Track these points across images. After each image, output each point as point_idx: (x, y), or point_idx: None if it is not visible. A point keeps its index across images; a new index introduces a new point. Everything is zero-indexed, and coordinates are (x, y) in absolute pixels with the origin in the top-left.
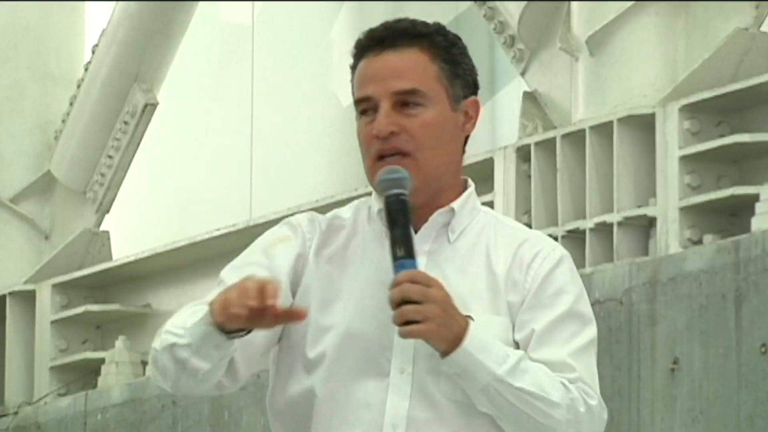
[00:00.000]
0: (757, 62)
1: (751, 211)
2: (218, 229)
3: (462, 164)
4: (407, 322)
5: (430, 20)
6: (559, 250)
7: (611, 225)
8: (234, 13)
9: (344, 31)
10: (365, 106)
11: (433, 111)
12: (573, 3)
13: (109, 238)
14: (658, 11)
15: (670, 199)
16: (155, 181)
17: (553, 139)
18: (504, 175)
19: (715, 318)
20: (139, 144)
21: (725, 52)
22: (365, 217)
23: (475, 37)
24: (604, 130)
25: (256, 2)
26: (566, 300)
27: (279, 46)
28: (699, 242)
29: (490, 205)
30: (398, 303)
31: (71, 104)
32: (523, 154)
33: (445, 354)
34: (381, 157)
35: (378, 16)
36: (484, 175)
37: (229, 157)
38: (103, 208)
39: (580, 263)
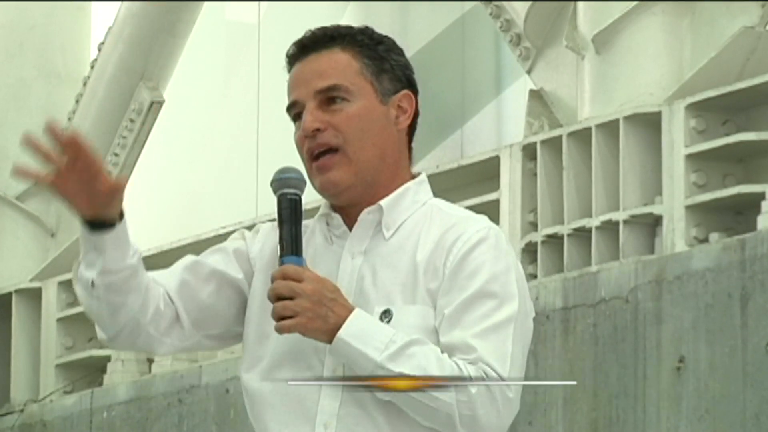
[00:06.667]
0: (763, 61)
1: (757, 210)
2: (224, 227)
3: (404, 160)
4: (283, 318)
5: (435, 19)
6: (482, 232)
7: (617, 223)
8: (240, 11)
9: None
10: (295, 111)
11: (357, 104)
12: (579, 2)
13: None
14: (664, 10)
15: (676, 197)
16: (161, 179)
17: (559, 137)
18: (510, 173)
19: (721, 316)
20: (145, 142)
21: (731, 50)
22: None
23: (481, 36)
24: (610, 128)
25: (261, 1)
26: (478, 280)
27: (285, 45)
28: (705, 241)
29: (496, 203)
30: (274, 300)
31: (77, 102)
32: (529, 152)
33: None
34: (314, 157)
35: (383, 15)
36: (490, 173)
37: (236, 154)
38: None
39: (586, 261)
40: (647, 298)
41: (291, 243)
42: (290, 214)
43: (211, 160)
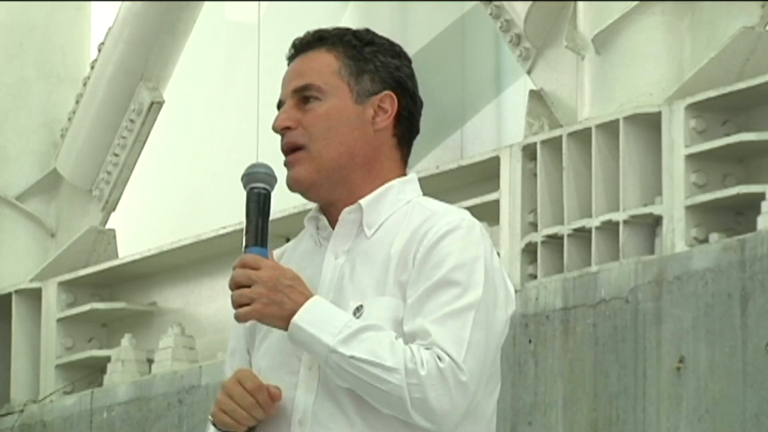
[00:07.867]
0: (763, 61)
1: (757, 210)
2: (224, 227)
3: (385, 160)
4: (241, 306)
5: (435, 19)
6: (453, 223)
7: (617, 223)
8: (240, 11)
9: None
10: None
11: (328, 104)
12: (579, 2)
13: (115, 236)
14: (664, 10)
15: (676, 197)
16: (161, 179)
17: (559, 137)
18: (510, 173)
19: (721, 317)
20: (145, 142)
21: (731, 50)
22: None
23: (481, 36)
24: (610, 128)
25: (261, 1)
26: (443, 269)
27: (285, 45)
28: (705, 241)
29: (495, 203)
30: (233, 288)
31: (77, 102)
32: (529, 152)
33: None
34: (285, 155)
35: (383, 15)
36: (490, 173)
37: (235, 155)
38: (109, 206)
39: (586, 262)
40: (647, 298)
41: (255, 234)
42: (257, 207)
43: (211, 160)
